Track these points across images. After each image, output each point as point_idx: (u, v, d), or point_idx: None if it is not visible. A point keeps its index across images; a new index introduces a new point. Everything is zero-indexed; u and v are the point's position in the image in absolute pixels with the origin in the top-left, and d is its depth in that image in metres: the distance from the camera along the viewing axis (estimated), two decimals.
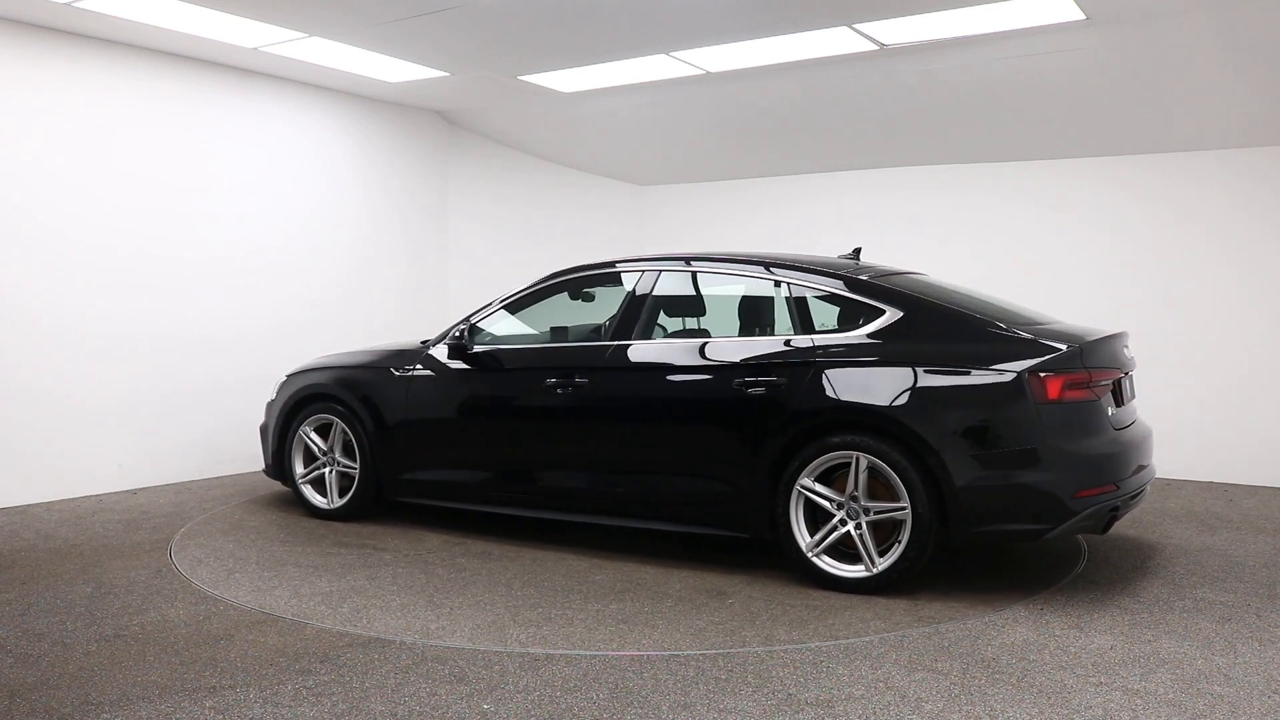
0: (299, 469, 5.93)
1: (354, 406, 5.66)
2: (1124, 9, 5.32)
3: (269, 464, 6.12)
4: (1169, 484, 6.79)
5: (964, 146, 7.71)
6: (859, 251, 5.33)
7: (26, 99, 6.01)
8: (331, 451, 5.82)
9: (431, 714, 3.10)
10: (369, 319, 7.92)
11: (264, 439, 6.18)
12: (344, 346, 7.03)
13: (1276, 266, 6.81)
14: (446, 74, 6.98)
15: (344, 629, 3.88)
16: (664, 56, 6.40)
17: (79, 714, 3.09)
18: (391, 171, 8.13)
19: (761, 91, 7.10)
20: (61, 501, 6.16)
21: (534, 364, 5.24)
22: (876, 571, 4.26)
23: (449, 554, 5.07)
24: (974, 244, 7.86)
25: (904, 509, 4.20)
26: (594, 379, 4.97)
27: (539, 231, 9.18)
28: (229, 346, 7.06)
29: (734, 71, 6.68)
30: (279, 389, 6.10)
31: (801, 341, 4.56)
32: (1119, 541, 5.28)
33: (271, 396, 6.16)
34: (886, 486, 4.26)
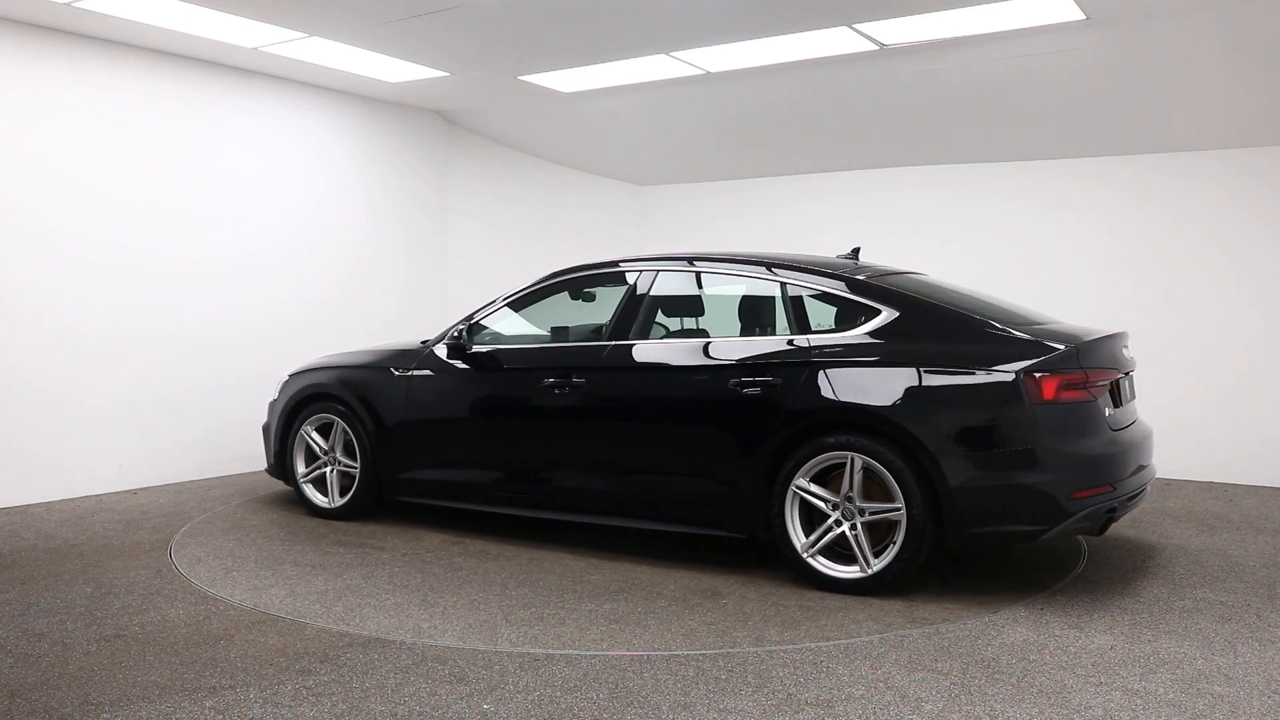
0: (300, 468, 5.95)
1: (354, 406, 5.68)
2: (1124, 9, 5.32)
3: (271, 463, 6.13)
4: (1169, 484, 6.79)
5: (964, 146, 7.71)
6: (858, 251, 5.32)
7: (26, 99, 6.01)
8: (332, 451, 5.83)
9: (431, 714, 3.10)
10: (369, 319, 7.92)
11: (266, 438, 6.19)
12: (344, 346, 7.04)
13: (1276, 266, 6.81)
14: (446, 74, 6.98)
15: (338, 628, 3.89)
16: (664, 56, 6.40)
17: (79, 714, 3.09)
18: (391, 171, 8.13)
19: (761, 91, 7.10)
20: (61, 501, 6.16)
21: (532, 364, 5.24)
22: (871, 572, 4.25)
23: (447, 553, 5.07)
24: (974, 244, 7.86)
25: (899, 510, 4.19)
26: (591, 379, 4.97)
27: (539, 231, 9.19)
28: (229, 346, 7.06)
29: (734, 71, 6.68)
30: (281, 388, 6.11)
31: (797, 341, 4.56)
32: (1119, 541, 5.28)
33: (274, 396, 6.18)
34: (882, 487, 4.25)
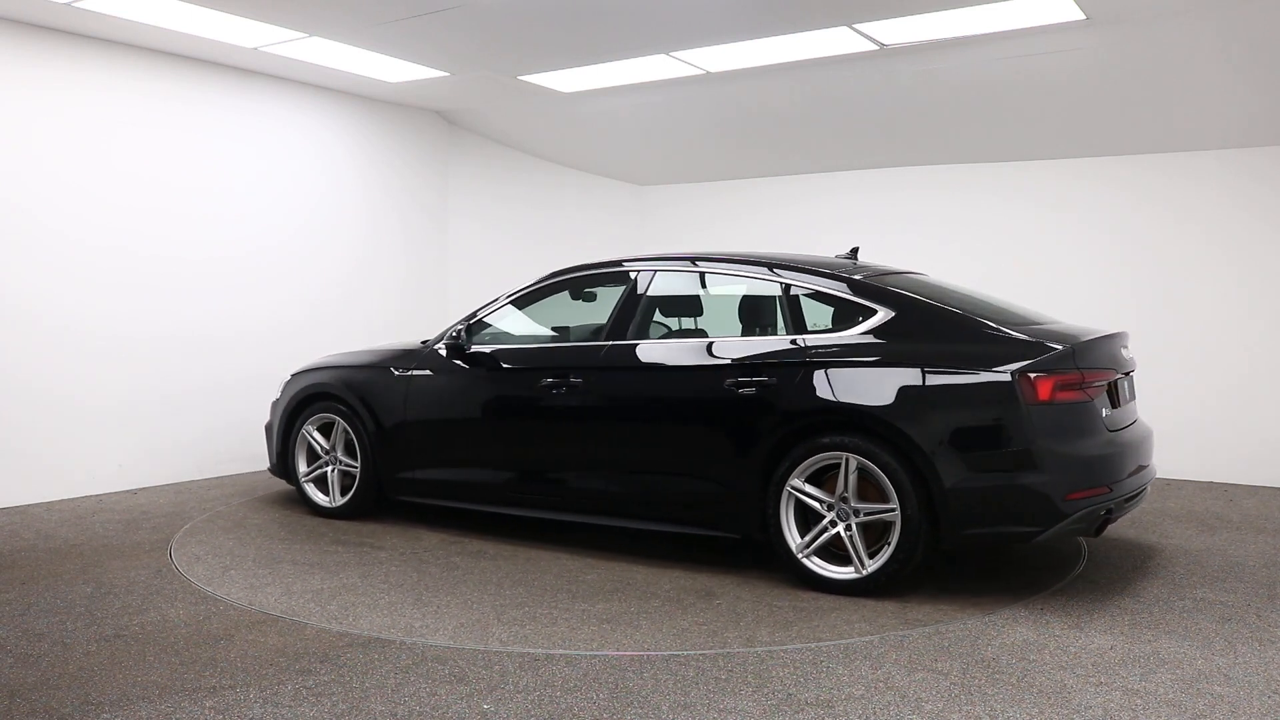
0: (302, 468, 5.96)
1: (355, 406, 5.68)
2: (1124, 9, 5.32)
3: (273, 463, 6.15)
4: (1169, 484, 6.79)
5: (964, 146, 7.71)
6: (856, 251, 5.32)
7: (26, 99, 6.01)
8: (334, 450, 5.85)
9: (431, 714, 3.10)
10: (369, 319, 7.92)
11: (268, 438, 6.21)
12: (344, 346, 7.05)
13: (1276, 266, 6.82)
14: (446, 74, 6.98)
15: (333, 627, 3.89)
16: (664, 56, 6.40)
17: (79, 714, 3.09)
18: (391, 171, 8.13)
19: (761, 91, 7.10)
20: (61, 501, 6.16)
21: (530, 363, 5.24)
22: (866, 573, 4.23)
23: (444, 553, 5.07)
24: (974, 244, 7.86)
25: (893, 510, 4.17)
26: (588, 379, 4.97)
27: (539, 231, 9.19)
28: (229, 346, 7.06)
29: (734, 71, 6.68)
30: (283, 388, 6.13)
31: (793, 341, 4.55)
32: (1119, 541, 5.28)
33: (276, 396, 6.20)
34: (877, 488, 4.24)
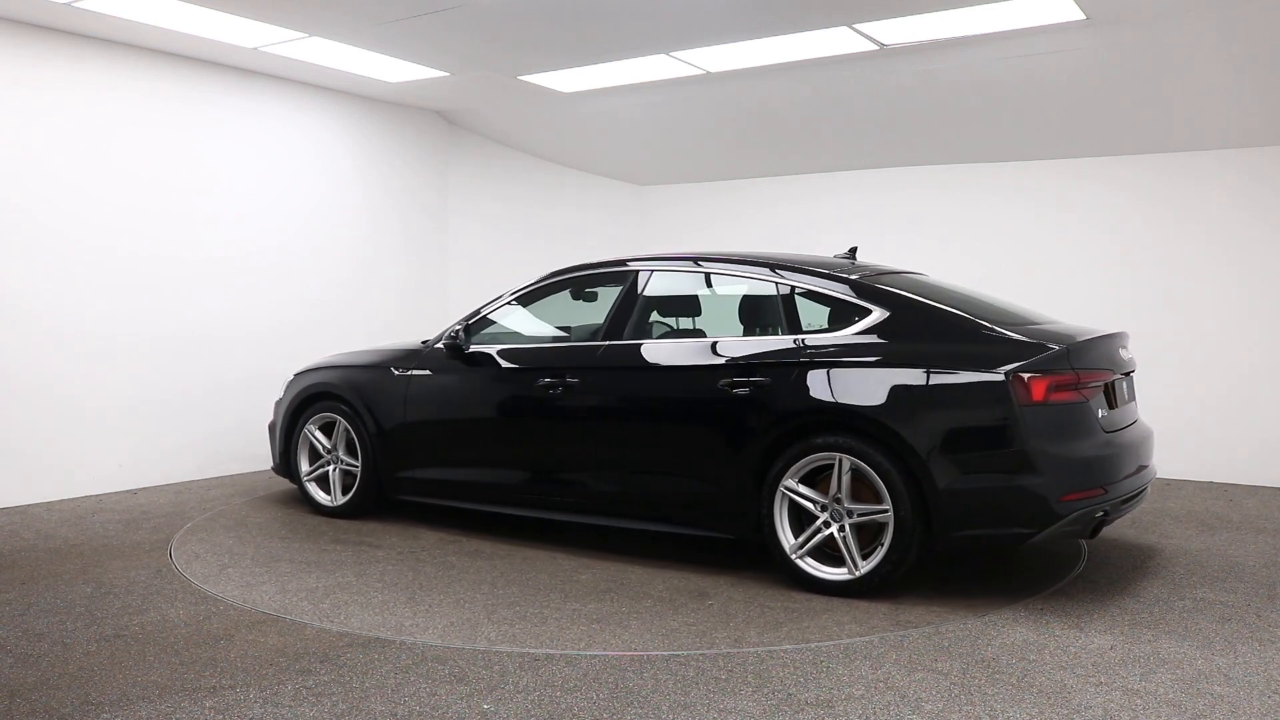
0: (304, 467, 5.99)
1: (356, 405, 5.70)
2: (1124, 9, 5.32)
3: (277, 462, 6.17)
4: (1169, 484, 6.79)
5: (964, 146, 7.71)
6: (855, 251, 5.31)
7: (26, 99, 6.01)
8: (335, 450, 5.86)
9: (431, 714, 3.10)
10: (369, 319, 7.92)
11: (272, 437, 6.24)
12: (344, 346, 7.05)
13: (1276, 266, 6.81)
14: (446, 74, 6.98)
15: (324, 625, 3.89)
16: (664, 56, 6.40)
17: (79, 714, 3.09)
18: (391, 171, 8.13)
19: (761, 91, 7.10)
20: (61, 501, 6.16)
21: (527, 363, 5.25)
22: (859, 574, 4.22)
23: (442, 552, 5.08)
24: (974, 244, 7.86)
25: (886, 512, 4.15)
26: (584, 379, 4.98)
27: (539, 231, 9.19)
28: (229, 346, 7.06)
29: (734, 71, 6.68)
30: (286, 388, 6.16)
31: (788, 341, 4.54)
32: (1119, 541, 5.28)
33: (279, 395, 6.23)
34: (871, 489, 4.22)
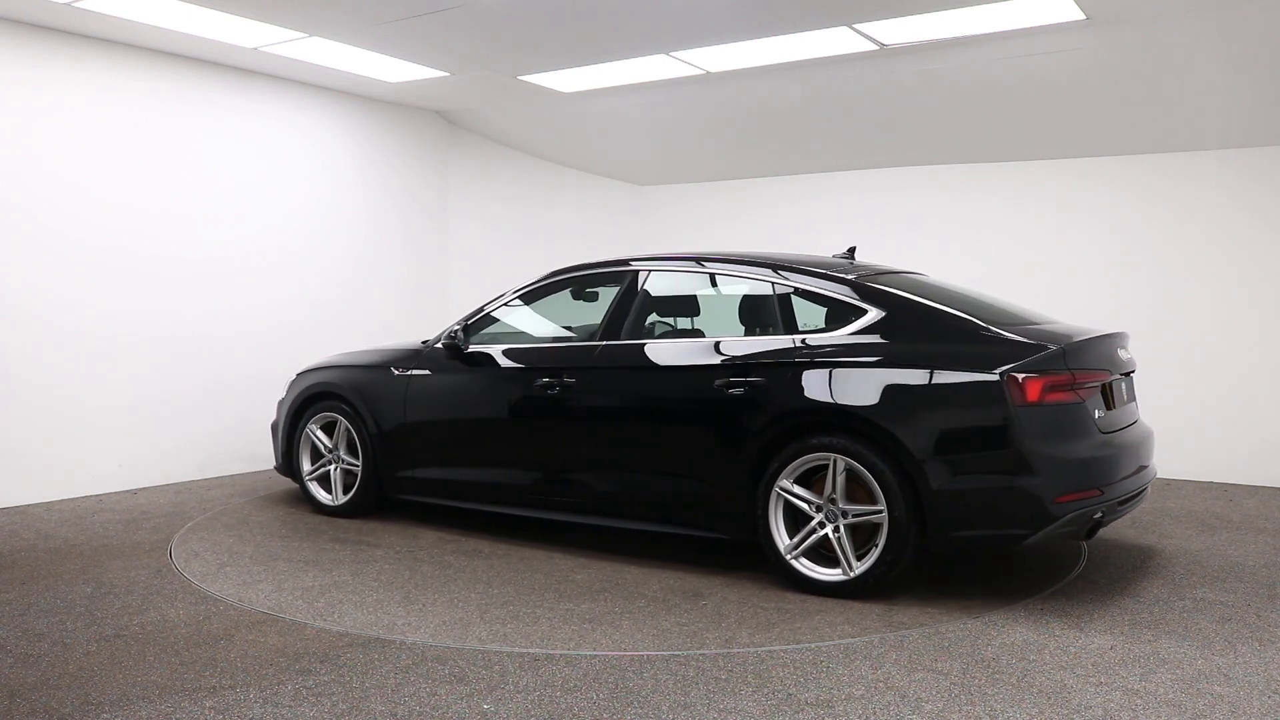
0: (306, 466, 6.01)
1: (357, 405, 5.71)
2: (1124, 9, 5.32)
3: (279, 461, 6.19)
4: (1169, 484, 6.79)
5: (964, 146, 7.71)
6: (854, 251, 5.31)
7: (26, 99, 6.01)
8: (336, 449, 5.88)
9: (431, 714, 3.10)
10: (369, 319, 7.92)
11: (274, 436, 6.26)
12: (344, 346, 7.06)
13: (1276, 266, 6.81)
14: (446, 74, 6.98)
15: (316, 623, 3.90)
16: (664, 56, 6.40)
17: (79, 714, 3.09)
18: (391, 171, 8.13)
19: (761, 91, 7.10)
20: (61, 501, 6.16)
21: (525, 363, 5.25)
22: (853, 575, 4.20)
23: (439, 551, 5.09)
24: (974, 244, 7.86)
25: (880, 512, 4.14)
26: (581, 378, 4.98)
27: (539, 231, 9.19)
28: (229, 346, 7.06)
29: (734, 71, 6.68)
30: (289, 387, 6.19)
31: (783, 341, 4.53)
32: (1119, 542, 5.28)
33: (282, 395, 6.25)
34: (866, 489, 4.20)
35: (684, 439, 4.69)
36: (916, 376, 4.16)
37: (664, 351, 4.86)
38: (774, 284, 4.77)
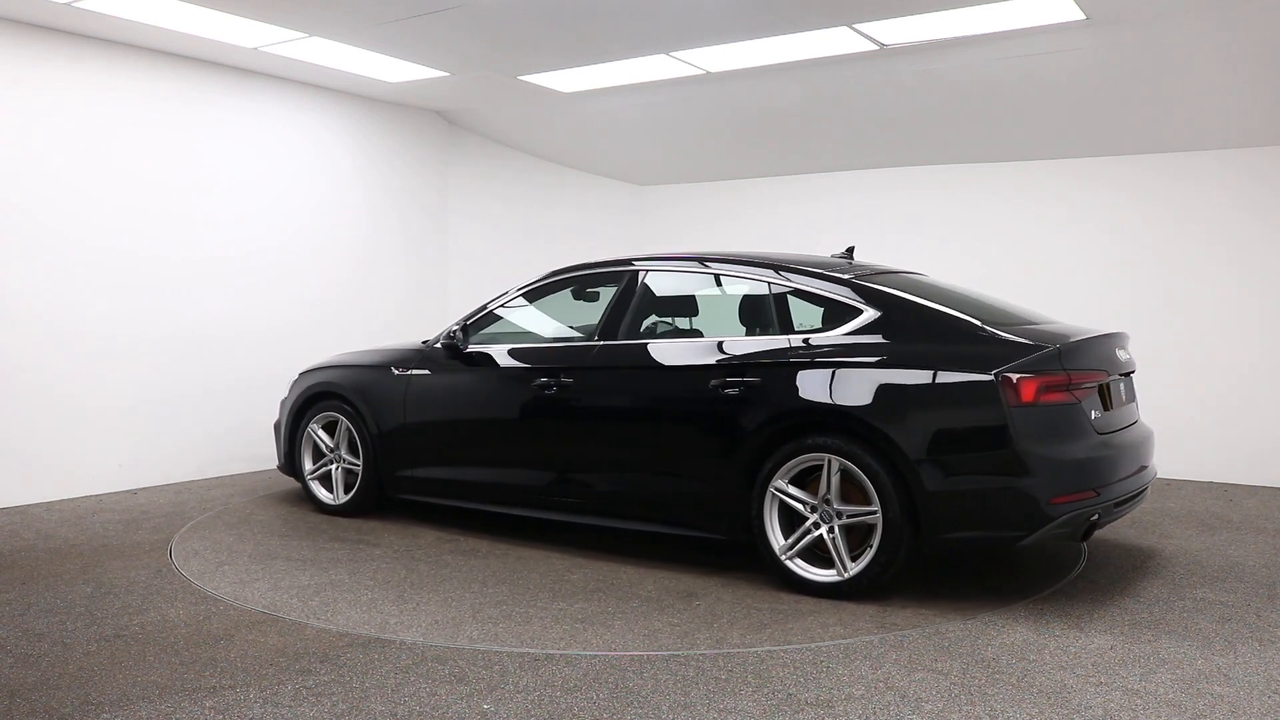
0: (307, 465, 6.02)
1: (358, 404, 5.72)
2: (1124, 9, 5.32)
3: (282, 461, 6.21)
4: (1169, 484, 6.79)
5: (964, 146, 7.71)
6: (852, 250, 5.30)
7: (26, 99, 6.01)
8: (338, 449, 5.89)
9: (431, 714, 3.10)
10: (369, 319, 7.92)
11: (277, 436, 6.27)
12: (345, 347, 7.06)
13: (1276, 266, 6.82)
14: (446, 74, 6.98)
15: (310, 622, 3.90)
16: (664, 56, 6.40)
17: (79, 714, 3.09)
18: (391, 171, 8.13)
19: (761, 91, 7.10)
20: (61, 501, 6.16)
21: (523, 363, 5.25)
22: (848, 576, 4.19)
23: (437, 550, 5.09)
24: (974, 244, 7.86)
25: (874, 513, 4.12)
26: (579, 379, 4.98)
27: (539, 231, 9.19)
28: (229, 347, 7.06)
29: (734, 71, 6.68)
30: (291, 387, 6.20)
31: (779, 341, 4.53)
32: (1119, 542, 5.28)
33: (285, 394, 6.26)
34: (860, 490, 4.19)
35: (680, 439, 4.68)
36: (911, 376, 4.15)
37: (660, 351, 4.86)
38: (770, 284, 4.76)
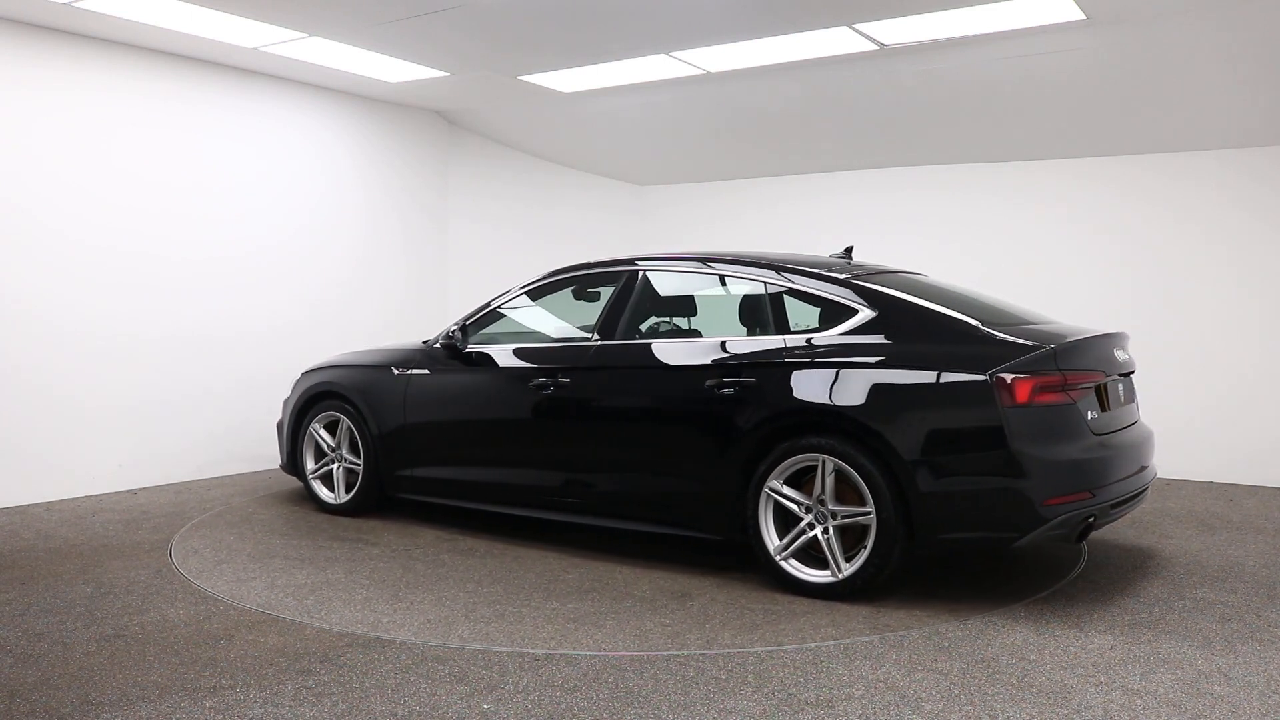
0: (309, 464, 6.03)
1: (358, 404, 5.73)
2: (1124, 9, 5.32)
3: (284, 460, 6.22)
4: (1169, 484, 6.79)
5: (964, 146, 7.71)
6: (851, 250, 5.30)
7: (26, 99, 6.01)
8: (339, 448, 5.90)
9: (431, 714, 3.10)
10: (369, 319, 7.92)
11: (279, 435, 6.29)
12: (345, 347, 7.07)
13: (1276, 266, 6.82)
14: (446, 74, 6.98)
15: (304, 620, 3.91)
16: (664, 56, 6.40)
17: (79, 714, 3.09)
18: (391, 171, 8.13)
19: (761, 91, 7.10)
20: (61, 501, 6.16)
21: (520, 363, 5.25)
22: (842, 577, 4.17)
23: (435, 550, 5.10)
24: (974, 244, 7.86)
25: (869, 514, 4.11)
26: (576, 379, 4.98)
27: (539, 231, 9.19)
28: (229, 347, 7.06)
29: (734, 71, 6.68)
30: (294, 386, 6.21)
31: (774, 342, 4.52)
32: (1119, 542, 5.28)
33: (287, 394, 6.28)
34: (855, 490, 4.17)
35: (676, 439, 4.68)
36: (905, 377, 4.13)
37: (656, 351, 4.86)
38: (767, 283, 4.76)
